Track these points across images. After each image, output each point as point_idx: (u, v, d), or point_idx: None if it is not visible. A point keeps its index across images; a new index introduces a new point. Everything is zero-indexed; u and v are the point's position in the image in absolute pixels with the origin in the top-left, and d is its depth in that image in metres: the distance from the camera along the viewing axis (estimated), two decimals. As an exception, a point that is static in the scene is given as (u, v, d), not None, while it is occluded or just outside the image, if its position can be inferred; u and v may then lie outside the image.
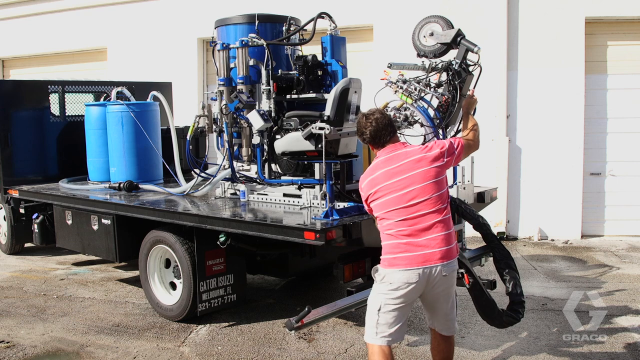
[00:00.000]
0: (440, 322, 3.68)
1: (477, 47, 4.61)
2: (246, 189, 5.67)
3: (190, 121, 5.95)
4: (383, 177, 3.50)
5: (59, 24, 12.29)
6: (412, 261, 3.36)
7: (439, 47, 4.84)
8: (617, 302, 5.87)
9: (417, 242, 3.37)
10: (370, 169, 3.64)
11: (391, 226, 3.43)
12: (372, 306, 3.50)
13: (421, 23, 5.01)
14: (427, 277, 3.38)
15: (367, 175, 3.61)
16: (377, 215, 3.53)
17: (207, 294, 5.25)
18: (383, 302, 3.43)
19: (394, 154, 3.57)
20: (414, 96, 4.60)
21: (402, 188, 3.43)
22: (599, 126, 8.87)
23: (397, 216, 3.41)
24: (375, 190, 3.50)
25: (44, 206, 7.48)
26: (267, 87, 5.51)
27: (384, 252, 3.48)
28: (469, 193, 5.29)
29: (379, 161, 3.60)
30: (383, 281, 3.44)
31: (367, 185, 3.58)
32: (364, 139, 3.67)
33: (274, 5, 7.17)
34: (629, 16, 8.64)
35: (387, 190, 3.46)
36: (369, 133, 3.60)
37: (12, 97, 7.93)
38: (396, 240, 3.41)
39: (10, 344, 5.08)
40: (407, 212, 3.40)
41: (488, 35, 8.84)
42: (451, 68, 4.65)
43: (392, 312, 3.43)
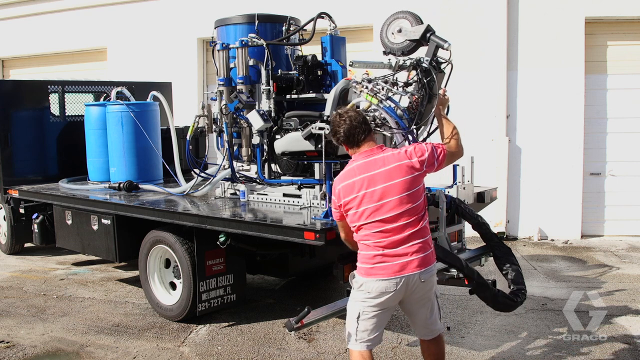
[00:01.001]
0: (421, 327, 3.61)
1: (448, 43, 4.42)
2: (246, 189, 5.67)
3: (190, 121, 5.95)
4: (360, 185, 3.36)
5: (59, 24, 12.29)
6: (389, 271, 3.28)
7: (407, 44, 4.65)
8: (617, 302, 5.87)
9: (394, 252, 3.29)
10: (345, 173, 3.47)
11: (368, 237, 3.33)
12: (351, 313, 3.44)
13: (389, 19, 4.82)
14: (405, 285, 3.31)
15: (342, 180, 3.45)
16: (352, 225, 3.41)
17: (207, 294, 5.25)
18: (362, 309, 3.37)
19: (371, 159, 3.42)
20: (379, 96, 4.39)
21: (380, 198, 3.30)
22: (599, 126, 8.88)
23: (375, 228, 3.31)
24: (351, 199, 3.36)
25: (44, 206, 7.48)
26: (267, 87, 5.50)
27: (360, 260, 3.40)
28: (469, 193, 5.29)
29: (355, 166, 3.43)
30: (361, 289, 3.36)
31: (342, 191, 3.42)
32: (338, 138, 3.51)
33: (274, 5, 7.16)
34: (629, 16, 8.64)
35: (364, 200, 3.33)
36: (342, 131, 3.45)
37: (12, 97, 7.94)
38: (373, 251, 3.31)
39: (10, 344, 5.08)
40: (385, 223, 3.29)
41: (488, 35, 8.85)
42: (420, 66, 4.46)
43: (372, 319, 3.38)
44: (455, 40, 9.43)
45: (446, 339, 4.96)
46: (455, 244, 5.19)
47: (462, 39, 8.98)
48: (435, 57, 4.50)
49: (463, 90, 8.96)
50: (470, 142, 8.51)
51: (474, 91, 8.93)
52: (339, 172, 3.55)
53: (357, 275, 3.40)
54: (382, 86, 4.43)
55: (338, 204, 3.46)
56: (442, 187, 5.13)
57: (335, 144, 3.62)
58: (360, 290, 3.37)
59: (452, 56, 4.46)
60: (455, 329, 5.20)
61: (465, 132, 9.84)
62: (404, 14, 4.74)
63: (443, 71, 4.51)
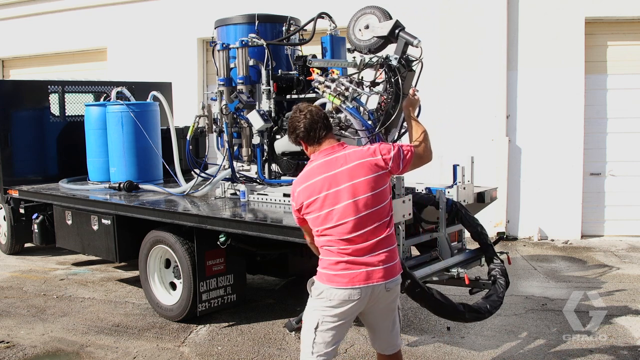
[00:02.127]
0: (382, 340, 3.36)
1: (417, 40, 4.19)
2: (246, 189, 5.67)
3: (190, 121, 5.95)
4: (320, 185, 3.10)
5: (59, 24, 12.29)
6: (353, 279, 3.04)
7: (375, 41, 4.39)
8: (617, 302, 5.87)
9: (359, 260, 3.05)
10: (304, 174, 3.22)
11: (332, 242, 3.08)
12: (308, 324, 3.16)
13: (356, 15, 4.57)
14: (369, 295, 3.08)
15: (302, 181, 3.20)
16: (315, 229, 3.16)
17: (207, 294, 5.25)
18: (321, 319, 3.11)
19: (332, 157, 3.17)
20: (342, 97, 4.16)
21: (343, 199, 3.06)
22: (599, 126, 8.88)
23: (338, 233, 3.06)
24: (311, 201, 3.12)
25: (44, 206, 7.48)
26: (267, 87, 5.50)
27: (322, 265, 3.14)
28: (469, 193, 5.29)
29: (314, 166, 3.19)
30: (321, 297, 3.10)
31: (301, 194, 3.17)
32: (297, 134, 3.24)
33: (274, 5, 7.17)
34: (629, 16, 8.64)
35: (326, 202, 3.08)
36: (303, 126, 3.19)
37: (12, 97, 7.94)
38: (337, 257, 3.07)
39: (10, 344, 5.08)
40: (349, 229, 3.04)
41: (488, 35, 8.85)
42: (388, 64, 4.21)
43: (331, 331, 3.12)
44: (455, 40, 9.54)
45: (446, 339, 4.97)
46: (455, 244, 5.20)
47: (462, 39, 9.00)
48: (405, 55, 4.25)
49: (463, 90, 8.99)
50: (470, 142, 8.71)
51: (473, 91, 8.94)
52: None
53: (317, 282, 3.16)
54: (346, 86, 4.20)
55: (297, 208, 3.22)
56: (443, 187, 5.13)
57: (293, 142, 3.34)
58: (320, 297, 3.12)
59: (423, 54, 4.21)
60: (455, 329, 5.20)
61: (465, 132, 9.93)
62: (371, 9, 4.50)
63: (413, 70, 4.27)
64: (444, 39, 9.02)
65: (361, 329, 5.22)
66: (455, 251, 5.02)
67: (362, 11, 4.55)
